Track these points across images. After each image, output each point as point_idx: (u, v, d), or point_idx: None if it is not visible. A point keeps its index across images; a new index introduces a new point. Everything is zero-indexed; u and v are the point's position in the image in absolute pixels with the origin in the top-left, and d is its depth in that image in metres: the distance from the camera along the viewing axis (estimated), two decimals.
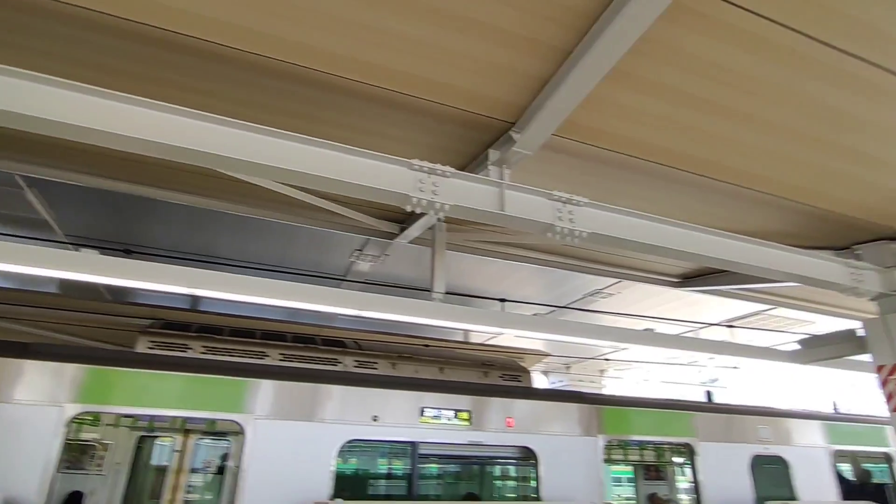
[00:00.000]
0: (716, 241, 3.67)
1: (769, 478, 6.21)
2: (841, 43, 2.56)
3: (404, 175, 2.92)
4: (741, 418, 6.19)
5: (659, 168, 3.64)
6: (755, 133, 3.26)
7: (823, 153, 3.44)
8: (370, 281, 6.88)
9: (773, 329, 8.74)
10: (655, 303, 7.59)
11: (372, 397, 4.82)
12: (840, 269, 4.18)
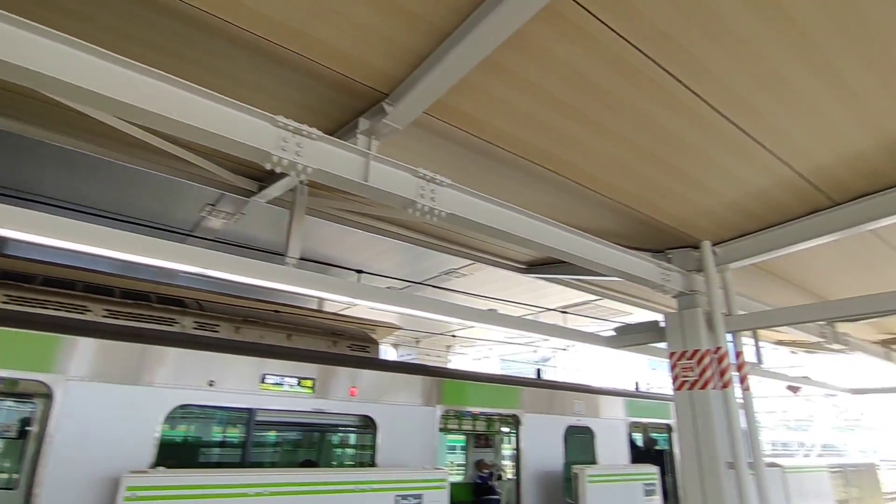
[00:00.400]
0: (559, 234, 4.04)
1: (578, 445, 7.16)
2: (680, 75, 2.96)
3: (267, 131, 2.76)
4: (560, 394, 7.00)
5: (519, 160, 3.89)
6: (604, 141, 3.64)
7: (655, 167, 3.95)
8: (221, 239, 6.41)
9: (598, 317, 9.89)
10: (503, 286, 8.14)
11: (209, 361, 4.55)
12: (654, 269, 4.87)
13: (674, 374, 4.86)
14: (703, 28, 2.64)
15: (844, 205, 4.38)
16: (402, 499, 4.64)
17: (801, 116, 3.30)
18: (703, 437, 4.50)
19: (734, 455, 4.35)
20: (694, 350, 4.77)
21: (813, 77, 2.95)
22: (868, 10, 2.50)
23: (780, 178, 4.04)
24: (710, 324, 4.81)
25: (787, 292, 6.90)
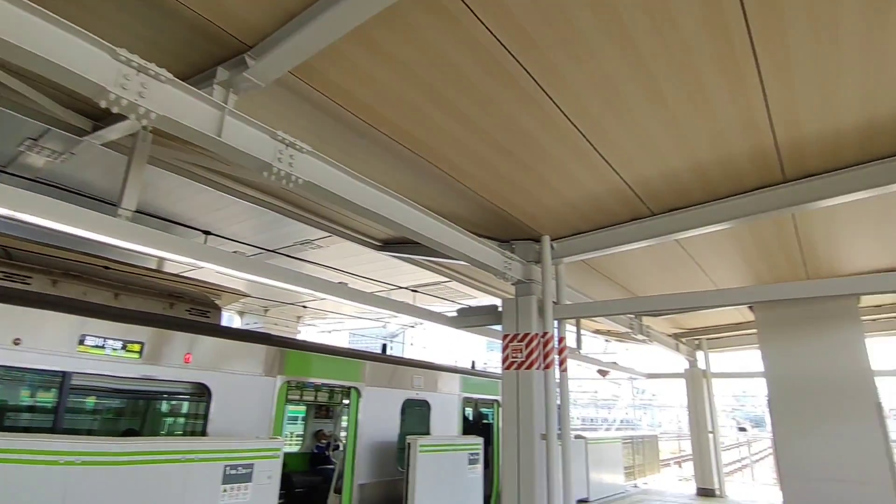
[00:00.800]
0: (414, 215, 4.17)
1: (415, 417, 7.53)
2: (542, 82, 3.21)
3: (105, 63, 2.42)
4: (401, 369, 7.28)
5: (382, 137, 3.92)
6: (466, 132, 3.82)
7: (510, 163, 4.25)
8: (43, 179, 5.48)
9: (446, 298, 10.38)
10: (359, 261, 8.13)
11: (14, 317, 3.94)
12: (499, 257, 5.26)
13: (505, 355, 5.34)
14: (568, 44, 2.90)
15: (659, 215, 5.14)
16: (232, 469, 4.49)
17: (634, 134, 3.79)
18: (523, 411, 5.03)
19: (547, 428, 4.93)
20: (524, 333, 5.28)
21: (646, 101, 3.41)
22: (695, 52, 2.95)
23: (612, 185, 4.60)
24: (542, 311, 5.36)
25: (606, 287, 7.91)
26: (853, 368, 7.46)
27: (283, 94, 3.45)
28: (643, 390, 62.05)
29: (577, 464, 9.35)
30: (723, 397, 60.44)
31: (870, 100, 3.34)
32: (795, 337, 8.00)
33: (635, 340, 10.78)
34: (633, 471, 12.60)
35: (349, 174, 3.61)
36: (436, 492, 6.18)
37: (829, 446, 7.34)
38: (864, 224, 5.40)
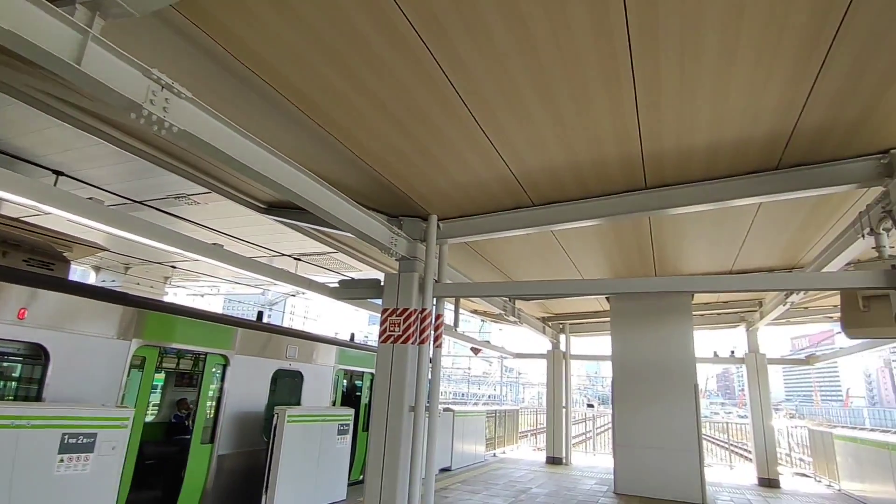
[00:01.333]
0: (301, 179, 4.02)
1: (286, 387, 7.37)
2: (444, 65, 3.25)
3: None
4: (275, 338, 7.06)
5: (274, 94, 3.71)
6: (363, 101, 3.74)
7: (405, 139, 4.26)
8: None
9: (331, 269, 10.20)
10: (240, 223, 7.68)
11: None
12: (386, 232, 5.28)
13: (382, 328, 5.41)
14: (473, 33, 2.97)
15: (539, 206, 5.49)
16: (71, 437, 4.07)
17: (524, 128, 4.00)
18: (395, 384, 5.15)
19: (416, 400, 5.11)
20: (404, 308, 5.38)
21: (538, 100, 3.61)
22: (585, 64, 3.18)
23: (499, 173, 4.82)
24: (422, 288, 5.49)
25: (485, 270, 8.29)
26: (681, 356, 8.68)
27: (168, 34, 3.12)
28: (512, 369, 66.44)
29: (443, 435, 9.82)
30: (578, 377, 66.81)
31: (716, 126, 3.85)
32: (639, 326, 9.09)
33: (507, 322, 11.47)
34: (493, 442, 13.52)
35: (233, 128, 3.38)
36: (301, 461, 6.14)
37: (655, 420, 8.52)
38: (704, 233, 6.23)
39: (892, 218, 4.24)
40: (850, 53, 3.05)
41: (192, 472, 5.68)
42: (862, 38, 2.92)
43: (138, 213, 7.31)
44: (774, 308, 9.06)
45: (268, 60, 3.35)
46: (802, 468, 13.09)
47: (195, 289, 14.72)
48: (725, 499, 8.38)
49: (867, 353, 10.56)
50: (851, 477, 9.33)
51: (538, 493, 8.10)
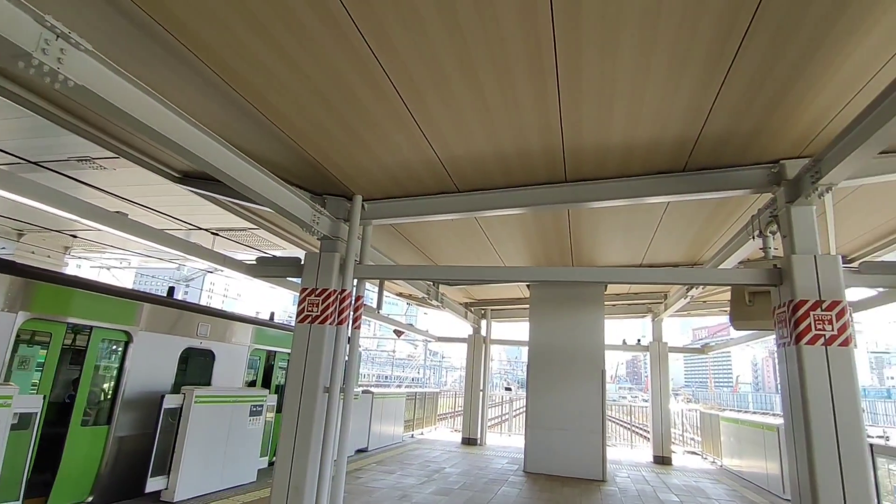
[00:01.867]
0: (217, 149, 3.80)
1: (196, 367, 7.04)
2: (373, 44, 3.19)
3: None
4: (185, 315, 6.71)
5: (194, 60, 3.49)
6: (289, 74, 3.60)
7: (330, 116, 4.14)
8: None
9: (252, 246, 9.80)
10: (154, 192, 7.17)
11: None
12: (308, 209, 5.13)
13: (300, 308, 5.28)
14: (402, 14, 2.93)
15: (464, 193, 5.56)
16: None
17: (451, 114, 4.02)
18: (310, 364, 5.07)
19: (331, 382, 5.06)
20: (323, 289, 5.28)
21: (466, 87, 3.63)
22: (511, 55, 3.23)
23: (425, 157, 4.82)
24: (343, 269, 5.41)
25: (410, 253, 8.31)
26: (591, 343, 9.19)
27: None
28: (436, 352, 67.37)
29: (361, 416, 9.81)
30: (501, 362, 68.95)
31: (631, 126, 4.07)
32: (556, 313, 9.51)
33: (430, 305, 11.59)
34: (412, 423, 13.69)
35: (141, 88, 3.13)
36: (209, 443, 5.91)
37: (565, 403, 8.99)
38: (618, 227, 6.58)
39: (778, 222, 4.69)
40: (749, 71, 3.32)
41: (75, 456, 5.29)
42: (759, 57, 3.18)
43: (33, 174, 6.63)
44: (677, 301, 9.78)
45: (189, 26, 3.14)
46: (693, 447, 14.34)
47: (101, 261, 13.64)
48: (623, 475, 9.03)
49: (754, 344, 11.67)
50: (731, 454, 10.35)
51: (451, 472, 8.32)
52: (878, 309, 6.96)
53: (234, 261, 6.40)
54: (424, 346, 45.21)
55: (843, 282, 4.14)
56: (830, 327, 4.01)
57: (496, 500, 6.49)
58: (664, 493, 7.61)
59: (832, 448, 3.80)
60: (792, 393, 4.12)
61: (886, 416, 31.52)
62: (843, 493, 3.71)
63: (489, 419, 15.06)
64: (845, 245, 6.77)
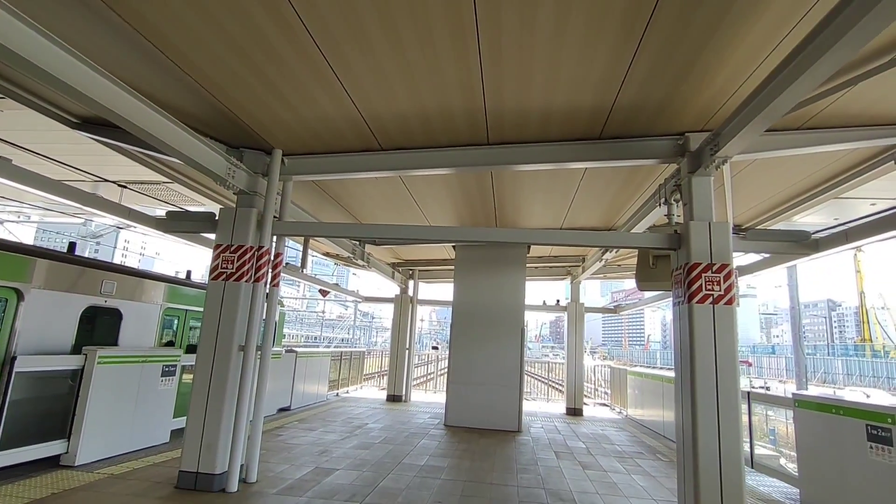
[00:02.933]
0: (119, 95, 3.51)
1: (100, 327, 6.62)
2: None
3: None
4: (87, 271, 6.27)
5: (100, 5, 3.18)
6: (202, 23, 3.37)
7: (246, 67, 3.91)
8: None
9: (167, 201, 9.20)
10: (52, 138, 6.48)
11: None
12: (222, 162, 4.88)
13: (214, 265, 5.08)
14: None
15: (388, 151, 5.49)
16: None
17: (373, 71, 3.91)
18: (224, 323, 4.93)
19: (247, 340, 4.96)
20: (239, 245, 5.10)
21: (387, 44, 3.55)
22: (432, 12, 3.17)
23: (347, 113, 4.69)
24: (261, 225, 5.24)
25: (335, 212, 8.16)
26: (512, 302, 9.55)
27: None
28: (367, 313, 67.33)
29: (283, 376, 9.72)
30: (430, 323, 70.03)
31: (550, 90, 4.15)
32: (480, 274, 9.76)
33: (356, 265, 11.51)
34: (338, 383, 13.76)
35: (26, 22, 2.80)
36: (115, 404, 5.66)
37: (485, 360, 9.36)
38: (539, 190, 6.78)
39: (681, 191, 5.03)
40: (658, 44, 3.47)
41: None
42: (666, 32, 3.32)
43: None
44: (593, 264, 10.31)
45: None
46: (604, 400, 15.46)
47: None
48: (538, 426, 9.62)
49: (664, 305, 12.58)
50: (636, 405, 11.28)
51: (373, 427, 8.50)
52: (766, 273, 7.72)
53: (141, 215, 6.00)
54: (354, 306, 45.05)
55: (731, 247, 4.54)
56: (718, 288, 4.40)
57: (415, 452, 6.73)
58: (572, 441, 8.21)
59: (712, 395, 4.24)
60: (682, 347, 4.53)
61: (770, 369, 35.37)
62: (718, 433, 4.17)
63: (416, 378, 15.42)
64: (741, 215, 7.38)
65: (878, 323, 63.97)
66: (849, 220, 6.92)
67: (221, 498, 4.46)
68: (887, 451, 4.21)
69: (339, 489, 4.92)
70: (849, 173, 5.76)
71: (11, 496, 4.16)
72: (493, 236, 5.80)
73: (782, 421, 9.33)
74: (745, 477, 4.12)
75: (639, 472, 6.34)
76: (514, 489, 5.27)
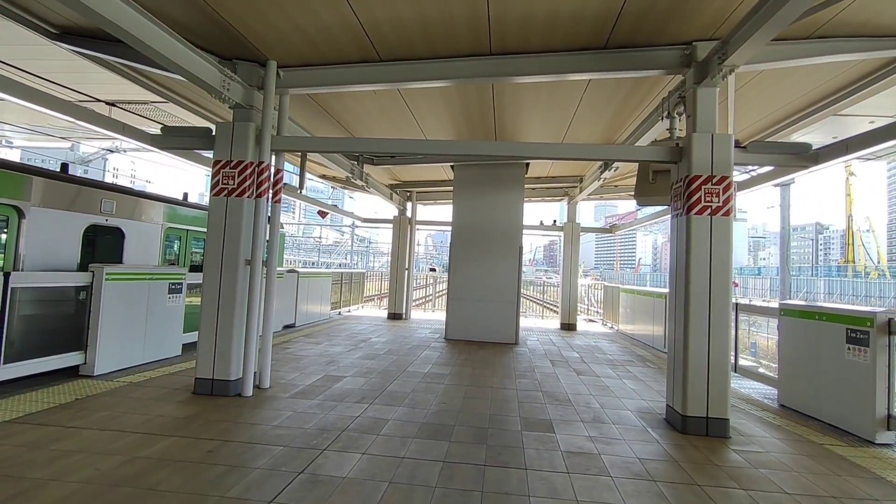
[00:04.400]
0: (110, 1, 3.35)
1: (104, 246, 6.69)
2: None
3: None
4: (85, 190, 6.23)
5: None
6: None
7: None
8: None
9: (159, 121, 8.96)
10: (33, 53, 6.18)
11: None
12: (216, 74, 4.72)
13: (215, 181, 5.06)
14: None
15: (387, 62, 5.32)
16: None
17: None
18: (229, 238, 4.99)
19: (253, 255, 5.05)
20: (238, 161, 5.05)
21: None
22: None
23: (344, 20, 4.49)
24: (259, 140, 5.16)
25: (332, 129, 8.01)
26: (511, 222, 9.66)
27: None
28: (364, 238, 67.77)
29: (287, 295, 9.97)
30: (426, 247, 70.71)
31: None
32: (478, 194, 9.78)
33: (355, 186, 11.46)
34: (339, 303, 14.13)
35: None
36: (126, 319, 5.83)
37: (484, 277, 9.61)
38: (540, 104, 6.64)
39: (685, 103, 4.96)
40: None
41: None
42: None
43: None
44: (591, 184, 10.32)
45: None
46: (596, 318, 16.03)
47: None
48: (534, 339, 10.04)
49: (656, 229, 12.74)
50: (627, 320, 11.73)
51: (377, 341, 8.85)
52: (761, 190, 7.79)
53: (135, 130, 5.87)
54: (352, 231, 45.20)
55: (732, 159, 4.56)
56: (717, 199, 4.48)
57: (418, 362, 7.07)
58: (567, 351, 8.62)
59: (705, 305, 4.44)
60: (678, 258, 4.67)
61: (755, 289, 36.49)
62: (708, 342, 4.41)
63: (414, 299, 15.81)
64: (740, 133, 7.32)
65: (863, 245, 65.29)
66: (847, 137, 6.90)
67: (238, 401, 4.73)
68: (863, 352, 4.48)
69: (348, 393, 5.22)
70: (849, 89, 5.68)
71: (38, 401, 4.40)
72: (493, 150, 5.76)
73: (763, 336, 9.80)
74: (730, 380, 4.41)
75: (629, 377, 6.73)
76: (513, 392, 5.62)
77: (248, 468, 3.17)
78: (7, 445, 3.37)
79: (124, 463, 3.16)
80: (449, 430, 4.17)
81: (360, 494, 2.87)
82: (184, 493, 2.77)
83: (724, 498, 3.07)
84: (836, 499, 3.14)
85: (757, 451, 3.99)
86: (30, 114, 9.39)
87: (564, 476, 3.30)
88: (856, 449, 4.16)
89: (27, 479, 2.87)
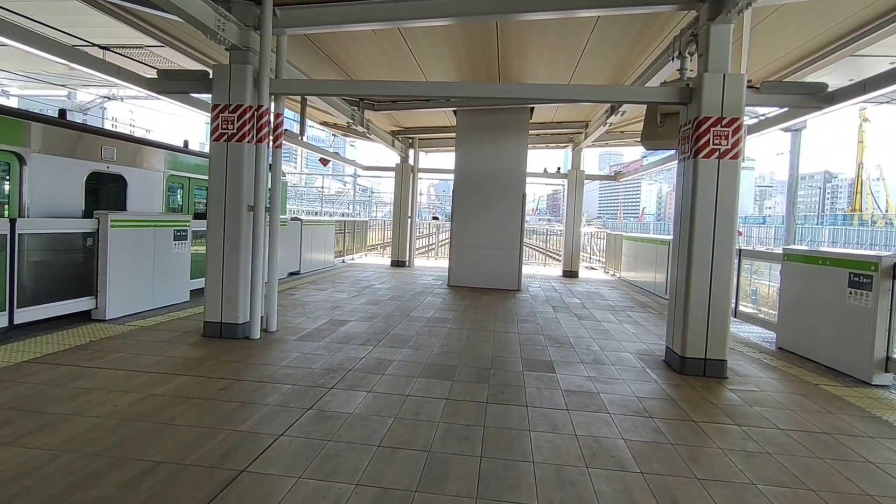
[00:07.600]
0: None
1: (107, 193, 6.68)
2: None
3: None
4: (86, 136, 6.15)
5: None
6: None
7: None
8: None
9: (153, 65, 8.72)
10: None
11: None
12: (211, 13, 4.54)
13: (214, 126, 4.98)
14: None
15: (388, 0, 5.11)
16: None
17: None
18: (231, 184, 4.96)
19: (256, 200, 5.03)
20: (237, 105, 4.95)
21: None
22: None
23: None
24: (258, 83, 5.04)
25: (333, 73, 7.80)
26: (514, 168, 9.55)
27: None
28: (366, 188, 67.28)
29: (291, 243, 10.03)
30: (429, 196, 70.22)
31: None
32: (481, 140, 9.62)
33: (356, 133, 11.27)
34: (343, 252, 14.22)
35: None
36: (134, 265, 5.90)
37: (487, 224, 9.61)
38: (546, 45, 6.42)
39: (697, 41, 4.78)
40: None
41: None
42: None
43: None
44: (597, 129, 10.11)
45: None
46: (597, 266, 16.12)
47: None
48: (536, 286, 10.15)
49: (660, 178, 12.59)
50: (628, 268, 11.79)
51: (381, 287, 8.97)
52: (770, 134, 7.62)
53: (130, 73, 5.74)
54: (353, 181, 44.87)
55: (744, 100, 4.44)
56: (726, 142, 4.39)
57: (422, 307, 7.18)
58: (568, 298, 8.73)
59: (708, 247, 4.44)
60: (683, 202, 4.63)
61: (759, 238, 36.47)
62: (710, 284, 4.44)
63: (417, 248, 15.89)
64: (754, 73, 7.08)
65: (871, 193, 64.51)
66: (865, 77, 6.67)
67: (246, 344, 4.85)
68: (865, 296, 4.51)
69: (353, 336, 5.34)
70: (870, 26, 5.43)
71: (52, 343, 4.53)
72: (497, 92, 5.61)
73: (765, 283, 9.85)
74: (730, 323, 4.47)
75: (629, 321, 6.83)
76: (515, 335, 5.73)
77: (259, 405, 3.29)
78: (29, 383, 3.49)
79: (140, 400, 3.28)
80: (452, 370, 4.29)
81: (367, 428, 2.98)
82: (198, 427, 2.89)
83: (719, 433, 3.18)
84: (829, 434, 3.25)
85: (752, 390, 4.10)
86: (25, 59, 9.16)
87: (564, 413, 3.41)
88: (851, 389, 4.27)
89: (50, 413, 2.99)
